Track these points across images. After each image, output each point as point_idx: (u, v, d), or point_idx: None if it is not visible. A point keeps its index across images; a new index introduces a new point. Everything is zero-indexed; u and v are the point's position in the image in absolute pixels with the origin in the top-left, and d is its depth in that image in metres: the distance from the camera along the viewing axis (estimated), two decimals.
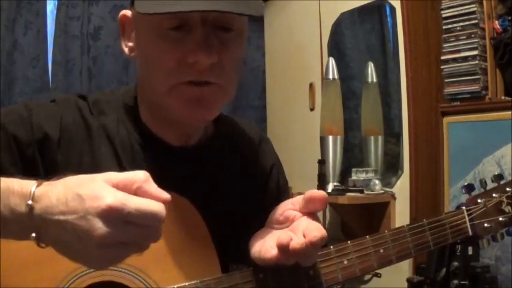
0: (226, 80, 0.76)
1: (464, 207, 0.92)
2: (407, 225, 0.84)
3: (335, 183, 2.36)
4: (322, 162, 2.37)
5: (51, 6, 2.84)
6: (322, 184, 2.35)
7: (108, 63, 2.90)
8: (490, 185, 0.96)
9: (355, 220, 2.36)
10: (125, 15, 0.82)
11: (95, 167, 0.78)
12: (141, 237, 0.57)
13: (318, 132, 2.46)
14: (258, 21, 3.17)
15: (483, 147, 1.86)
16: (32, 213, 0.57)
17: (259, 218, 0.86)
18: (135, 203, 0.56)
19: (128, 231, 0.55)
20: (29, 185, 0.59)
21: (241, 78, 0.85)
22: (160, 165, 0.81)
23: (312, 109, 2.74)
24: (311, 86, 2.73)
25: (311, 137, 2.61)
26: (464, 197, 0.96)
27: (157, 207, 0.56)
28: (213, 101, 0.76)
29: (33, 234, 0.57)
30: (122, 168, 0.79)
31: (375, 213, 2.26)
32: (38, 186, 0.59)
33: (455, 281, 1.60)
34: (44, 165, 0.77)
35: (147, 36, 0.76)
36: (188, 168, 0.83)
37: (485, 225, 0.91)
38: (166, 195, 0.59)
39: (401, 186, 2.19)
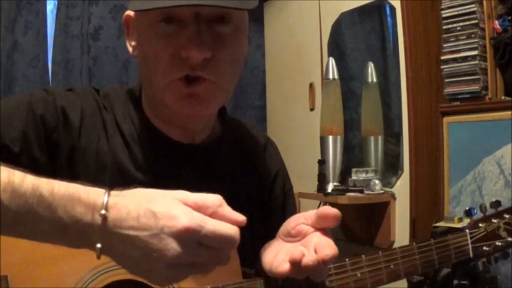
0: (221, 75, 0.76)
1: (467, 230, 0.96)
2: (415, 242, 0.88)
3: (335, 183, 2.36)
4: (322, 162, 2.37)
5: (51, 6, 2.84)
6: (322, 184, 2.35)
7: (108, 63, 2.90)
8: (489, 211, 1.01)
9: (355, 220, 2.35)
10: (128, 15, 0.83)
11: (110, 155, 0.79)
12: (211, 260, 0.56)
13: (318, 132, 2.46)
14: (258, 21, 3.18)
15: (483, 147, 1.86)
16: (105, 224, 0.55)
17: (264, 222, 0.86)
18: (212, 225, 0.55)
19: (200, 253, 0.55)
20: (97, 194, 0.57)
21: (241, 78, 0.85)
22: (168, 162, 0.82)
23: (312, 109, 2.74)
24: (311, 86, 2.73)
25: (311, 137, 2.61)
26: (464, 197, 0.99)
27: (233, 231, 0.56)
28: (207, 97, 0.76)
29: (99, 245, 0.55)
30: (134, 161, 0.80)
31: (374, 213, 2.26)
32: (109, 196, 0.57)
33: (455, 281, 1.60)
34: (64, 151, 0.77)
35: (144, 34, 0.77)
36: (195, 165, 0.84)
37: (485, 248, 0.96)
38: (242, 217, 0.58)
39: (401, 186, 2.19)
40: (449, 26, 1.95)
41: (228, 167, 0.89)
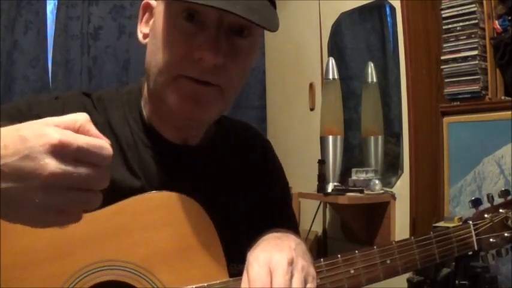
0: (228, 84, 0.76)
1: (471, 222, 0.92)
2: (414, 237, 0.85)
3: (335, 183, 2.36)
4: (322, 162, 2.37)
5: (51, 6, 2.85)
6: (322, 184, 2.35)
7: (108, 63, 2.90)
8: (497, 201, 0.96)
9: (355, 220, 2.35)
10: (148, 2, 0.82)
11: None
12: (90, 179, 0.52)
13: (318, 132, 2.46)
14: None
15: (483, 147, 1.86)
16: None
17: (262, 219, 0.86)
18: (85, 138, 0.52)
19: (77, 170, 0.51)
20: None
21: None
22: (164, 164, 0.81)
23: (312, 109, 2.74)
24: (311, 86, 2.73)
25: (311, 137, 2.61)
26: (464, 197, 0.97)
27: (105, 144, 0.53)
28: (210, 101, 0.76)
29: None
30: (127, 165, 0.80)
31: (375, 213, 2.26)
32: None
33: (456, 281, 1.60)
34: None
35: (164, 24, 0.76)
36: (191, 167, 0.84)
37: (491, 240, 0.92)
38: (104, 138, 0.55)
39: (401, 186, 2.18)
40: (449, 26, 1.95)
41: (223, 167, 0.89)
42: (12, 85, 2.71)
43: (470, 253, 0.92)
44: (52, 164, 0.50)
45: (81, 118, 0.54)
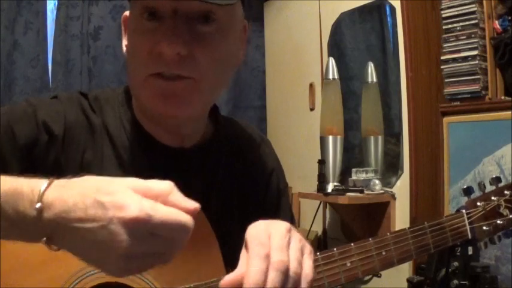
0: (201, 74, 0.73)
1: (464, 211, 0.92)
2: (408, 227, 0.85)
3: (335, 183, 2.36)
4: (322, 162, 2.37)
5: (51, 6, 2.84)
6: (322, 184, 2.35)
7: (108, 63, 2.90)
8: (489, 188, 0.96)
9: (355, 220, 2.35)
10: (126, 16, 0.82)
11: (96, 166, 0.78)
12: (166, 249, 0.54)
13: (318, 132, 2.46)
14: (258, 21, 3.18)
15: (483, 147, 1.86)
16: (41, 218, 0.53)
17: (258, 219, 0.85)
18: (162, 214, 0.52)
19: (153, 242, 0.52)
20: (38, 186, 0.54)
21: (241, 78, 0.84)
22: (159, 167, 0.80)
23: (312, 109, 2.74)
24: (311, 86, 2.73)
25: (311, 137, 2.61)
26: (464, 198, 0.96)
27: (185, 219, 0.54)
28: (187, 97, 0.74)
29: (44, 239, 0.54)
30: (122, 169, 0.79)
31: (375, 213, 2.26)
32: (48, 186, 0.54)
33: (455, 281, 1.60)
34: (47, 164, 0.75)
35: (129, 29, 0.77)
36: (186, 170, 0.82)
37: (484, 228, 0.92)
38: (194, 205, 0.56)
39: (401, 186, 2.18)
40: (449, 26, 1.95)
41: (220, 169, 0.88)
42: (12, 85, 2.71)
43: (470, 252, 0.92)
44: (125, 240, 0.51)
45: (163, 191, 0.55)
